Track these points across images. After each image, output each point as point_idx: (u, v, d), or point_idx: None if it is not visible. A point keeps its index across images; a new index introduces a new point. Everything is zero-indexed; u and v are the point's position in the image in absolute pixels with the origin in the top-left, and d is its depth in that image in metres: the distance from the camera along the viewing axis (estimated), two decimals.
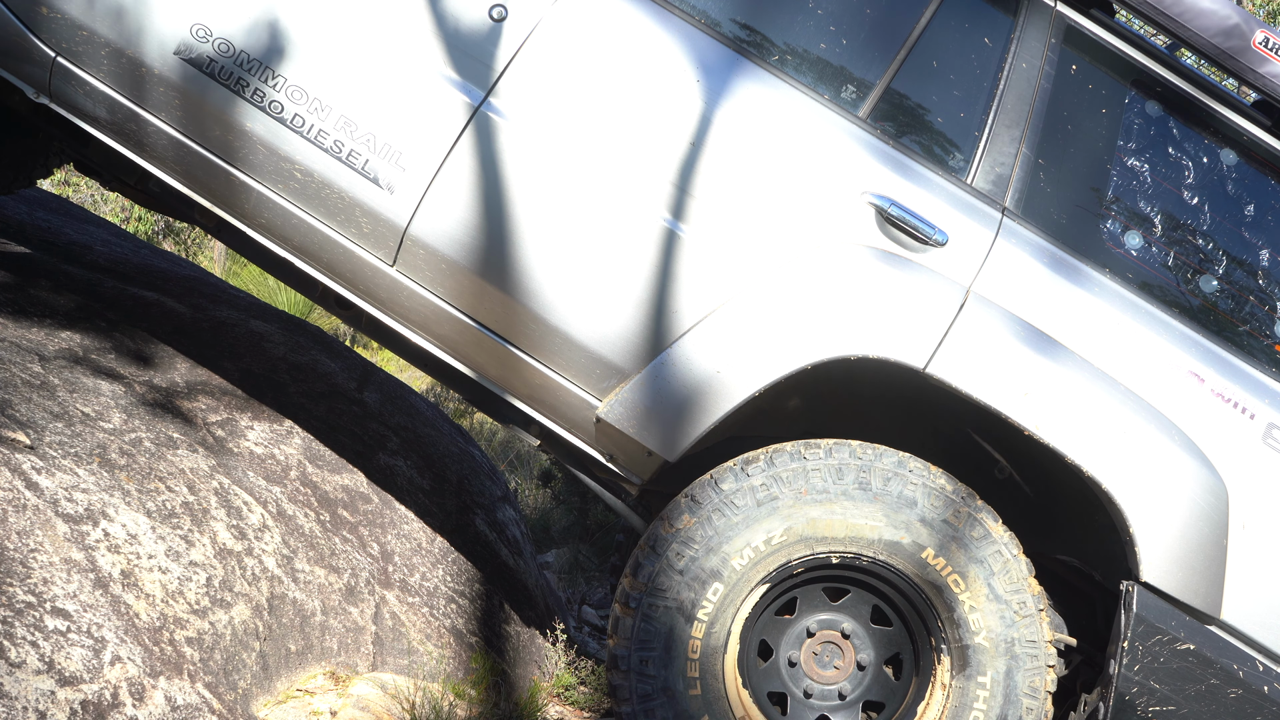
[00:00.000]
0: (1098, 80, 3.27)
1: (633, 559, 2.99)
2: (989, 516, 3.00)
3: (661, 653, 2.93)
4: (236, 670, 2.93)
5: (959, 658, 2.99)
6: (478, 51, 3.00)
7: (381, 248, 3.05)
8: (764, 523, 2.94)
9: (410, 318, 3.14)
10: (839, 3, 3.19)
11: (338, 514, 3.60)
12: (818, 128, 3.07)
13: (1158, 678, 2.98)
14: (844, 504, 2.95)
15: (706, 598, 2.93)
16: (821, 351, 2.95)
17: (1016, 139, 3.15)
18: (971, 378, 2.96)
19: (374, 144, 2.99)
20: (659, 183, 3.00)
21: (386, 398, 4.39)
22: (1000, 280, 3.04)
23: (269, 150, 3.01)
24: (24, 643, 2.40)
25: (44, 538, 2.65)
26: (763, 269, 2.98)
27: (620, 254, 2.98)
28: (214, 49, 2.99)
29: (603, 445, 3.14)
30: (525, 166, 2.99)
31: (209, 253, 11.83)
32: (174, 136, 3.06)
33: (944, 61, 3.19)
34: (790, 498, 2.95)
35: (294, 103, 2.99)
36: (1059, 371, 2.98)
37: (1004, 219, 3.10)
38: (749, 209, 3.00)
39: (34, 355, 3.28)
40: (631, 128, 3.01)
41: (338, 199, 3.02)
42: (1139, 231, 3.21)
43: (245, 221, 3.13)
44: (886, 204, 3.02)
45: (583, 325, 3.00)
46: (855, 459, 2.97)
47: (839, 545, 2.95)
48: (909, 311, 2.97)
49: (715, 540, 2.94)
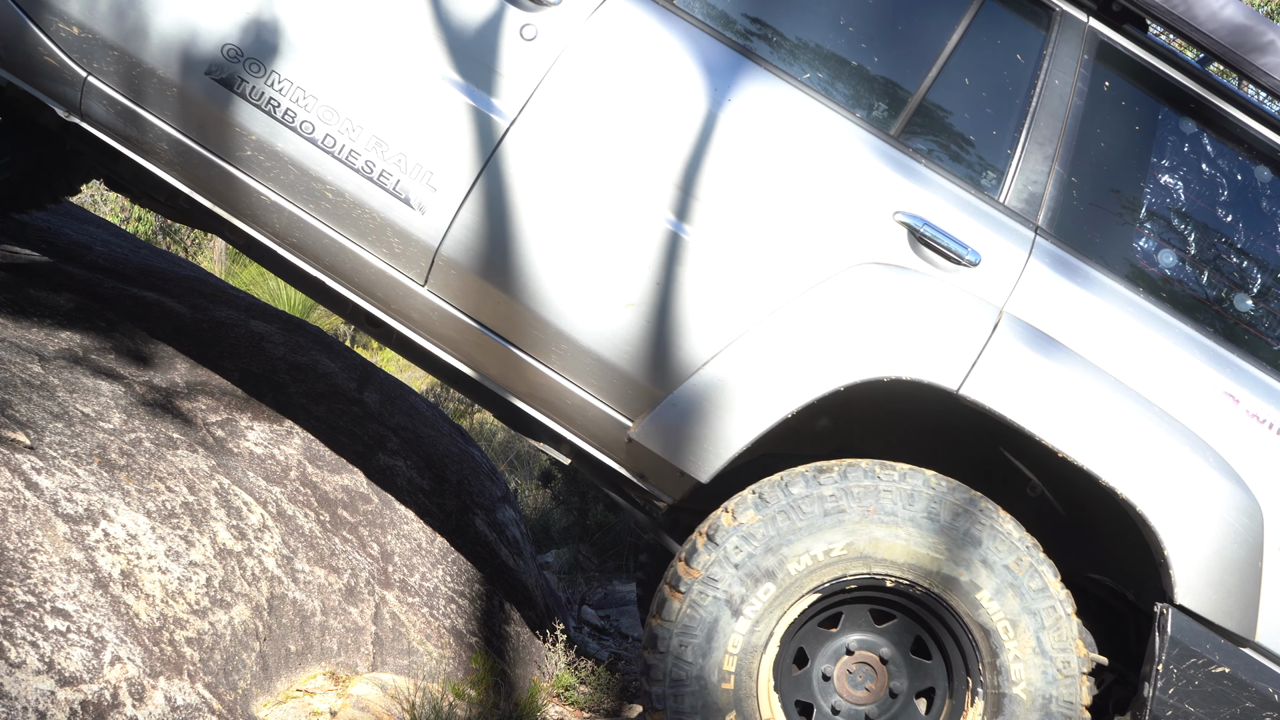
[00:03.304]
0: (1131, 96, 3.25)
1: (689, 544, 2.98)
2: (1050, 571, 2.98)
3: (702, 641, 2.92)
4: (236, 670, 2.93)
5: (993, 704, 2.98)
6: (509, 72, 2.99)
7: (413, 268, 3.04)
8: (827, 533, 2.93)
9: (441, 336, 3.13)
10: (870, 20, 3.17)
11: (338, 514, 3.60)
12: (850, 146, 3.05)
13: (1192, 701, 2.96)
14: (910, 530, 2.93)
15: (757, 596, 2.92)
16: (855, 374, 2.94)
17: (1049, 157, 3.13)
18: (1005, 400, 2.94)
19: (405, 164, 2.99)
20: (691, 203, 2.99)
21: (386, 398, 4.39)
22: (1034, 300, 3.03)
23: (300, 170, 3.01)
24: (24, 643, 2.40)
25: (44, 538, 2.65)
26: (796, 289, 2.97)
27: (653, 275, 2.97)
28: (245, 69, 2.99)
29: (634, 465, 3.14)
30: (554, 187, 2.98)
31: (209, 253, 11.83)
32: (204, 155, 3.06)
33: (976, 78, 3.17)
34: (858, 514, 2.94)
35: (325, 123, 2.99)
36: (1093, 394, 2.97)
37: (1037, 238, 3.08)
38: (781, 229, 2.99)
39: (34, 355, 3.28)
40: (661, 148, 2.99)
41: (369, 219, 3.02)
42: (1173, 250, 3.19)
43: (276, 240, 3.13)
44: (919, 223, 3.00)
45: (615, 346, 3.00)
46: (928, 488, 2.96)
47: (896, 570, 2.94)
48: (942, 333, 2.96)
49: (776, 541, 2.93)
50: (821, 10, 3.18)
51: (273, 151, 3.01)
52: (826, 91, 3.10)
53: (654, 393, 3.01)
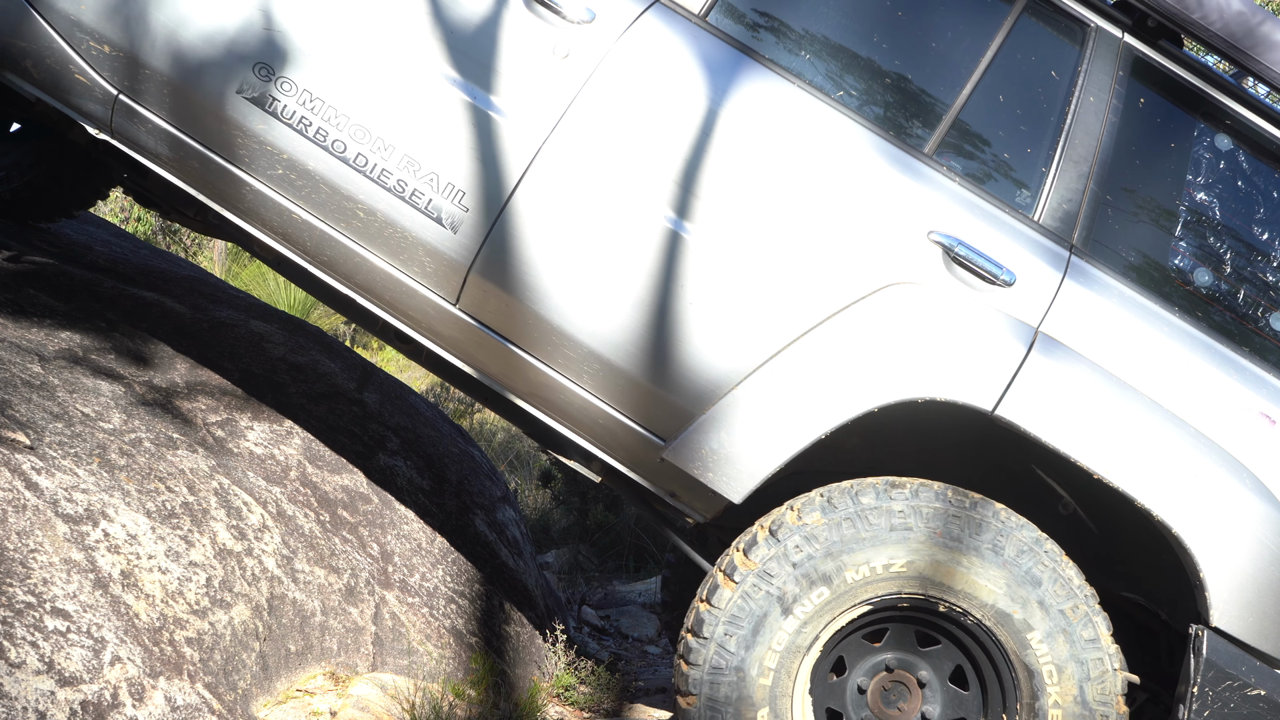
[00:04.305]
0: (1166, 113, 3.23)
1: (750, 536, 2.98)
2: (1104, 624, 2.97)
3: (748, 633, 2.92)
4: (236, 670, 2.93)
5: None
6: (541, 90, 2.98)
7: (445, 286, 3.04)
8: (890, 548, 2.93)
9: (472, 354, 3.13)
10: (905, 37, 3.16)
11: (337, 514, 3.60)
12: (884, 165, 3.03)
13: None
14: (972, 559, 2.93)
15: (810, 598, 2.92)
16: (890, 395, 2.93)
17: (1084, 175, 3.11)
18: (1040, 421, 2.93)
19: (437, 183, 2.98)
20: (725, 222, 2.97)
21: (386, 398, 4.39)
22: (1068, 320, 3.01)
23: (332, 189, 3.01)
24: (24, 643, 2.40)
25: (44, 538, 2.65)
26: (830, 309, 2.96)
27: (688, 294, 2.96)
28: (277, 88, 2.99)
29: (665, 483, 3.13)
30: (586, 207, 2.96)
31: (209, 253, 11.83)
32: (235, 174, 3.06)
33: (1010, 96, 3.15)
34: (923, 534, 2.93)
35: (357, 142, 2.98)
36: (1128, 415, 2.96)
37: (1072, 257, 3.06)
38: (817, 248, 2.97)
39: (34, 355, 3.28)
40: (692, 166, 2.98)
41: (400, 238, 3.01)
42: (1208, 268, 3.17)
43: (307, 258, 3.14)
44: (954, 243, 2.99)
45: (649, 367, 2.99)
46: (997, 521, 2.96)
47: (951, 596, 2.94)
48: (977, 354, 2.95)
49: (838, 547, 2.93)
50: (855, 27, 3.16)
51: (304, 170, 3.01)
52: (860, 109, 3.08)
53: (687, 412, 3.00)
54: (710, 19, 3.07)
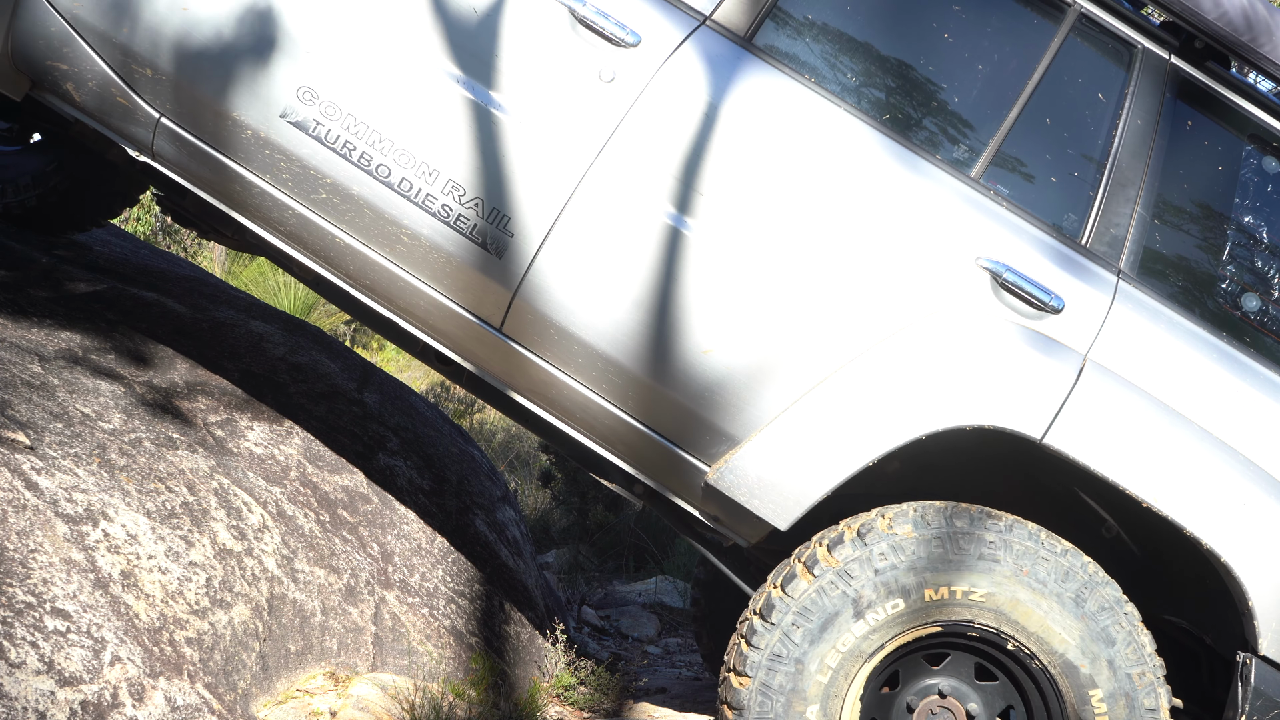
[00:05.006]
0: (1213, 135, 3.21)
1: (837, 534, 2.97)
2: (1166, 696, 2.96)
3: (816, 629, 2.91)
4: (236, 670, 2.93)
5: None
6: (586, 114, 2.95)
7: (489, 311, 3.03)
8: (973, 576, 2.92)
9: (514, 379, 3.12)
10: (951, 60, 3.14)
11: (337, 514, 3.61)
12: (930, 189, 3.01)
13: None
14: (1052, 604, 2.92)
15: (884, 607, 2.91)
16: (939, 422, 2.92)
17: (1131, 199, 3.08)
18: (1089, 449, 2.93)
19: (481, 208, 2.96)
20: (773, 248, 2.96)
21: (386, 398, 4.39)
22: (1117, 347, 2.99)
23: (376, 214, 2.99)
24: (24, 643, 2.40)
25: (44, 538, 2.65)
26: (879, 335, 2.94)
27: (735, 321, 2.95)
28: (320, 112, 2.97)
29: (709, 509, 3.11)
30: (632, 231, 2.95)
31: (209, 253, 11.83)
32: (277, 197, 3.05)
33: (1057, 119, 3.13)
34: (1009, 570, 2.92)
35: (401, 167, 2.97)
36: (1177, 442, 2.95)
37: (1120, 282, 3.04)
38: (865, 274, 2.96)
39: (34, 355, 3.28)
40: (737, 189, 2.96)
41: (444, 263, 3.00)
42: (1256, 293, 3.16)
43: (350, 282, 3.13)
44: (1002, 269, 2.97)
45: (695, 393, 2.98)
46: (1085, 573, 2.94)
47: (1022, 637, 2.93)
48: (1026, 381, 2.93)
49: (923, 564, 2.92)
50: (902, 50, 3.14)
51: (348, 195, 2.99)
52: (908, 133, 3.06)
53: (733, 438, 2.99)
54: (755, 41, 3.04)
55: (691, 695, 4.59)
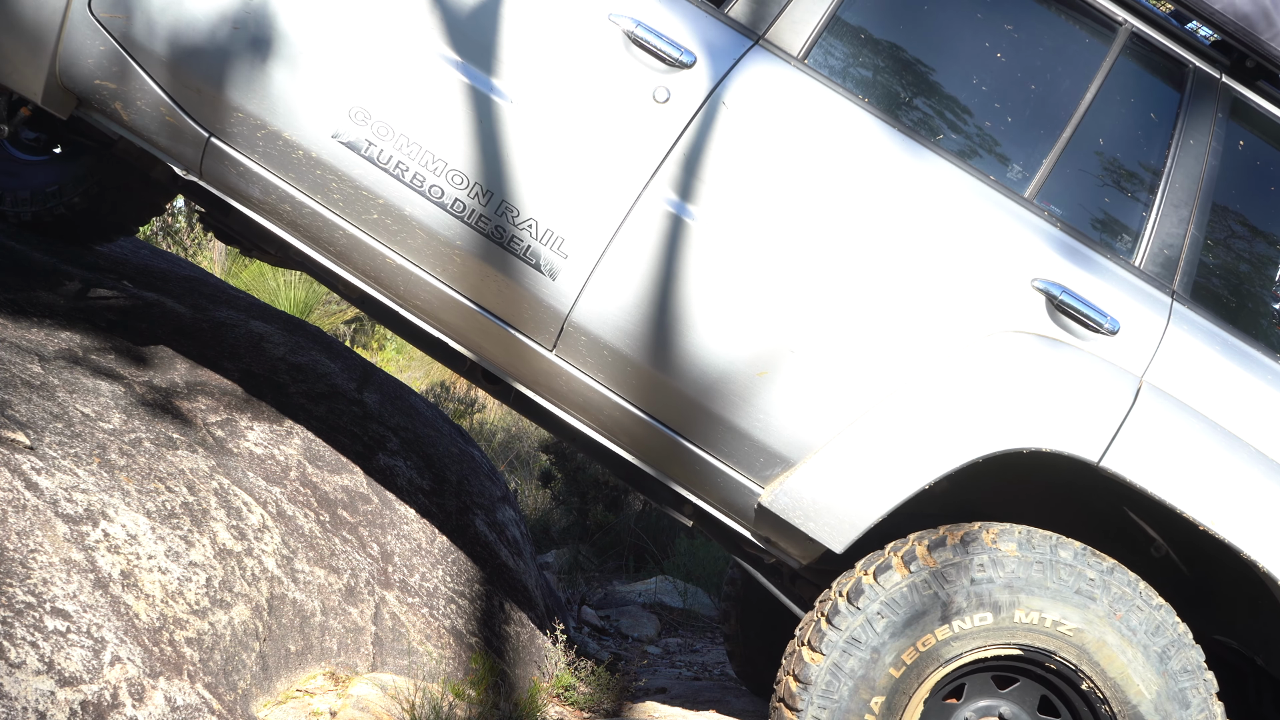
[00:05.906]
0: (1266, 155, 3.21)
1: (938, 536, 2.97)
2: None
3: (900, 622, 2.91)
4: (236, 671, 2.93)
5: None
6: (640, 135, 2.94)
7: (541, 333, 3.01)
8: (1065, 608, 2.92)
9: (568, 401, 3.10)
10: (1004, 81, 3.12)
11: (337, 514, 3.61)
12: (985, 210, 3.00)
13: None
14: (1137, 654, 2.92)
15: (971, 618, 2.91)
16: (995, 445, 2.91)
17: (1185, 219, 3.08)
18: (1146, 473, 2.92)
19: (535, 230, 2.94)
20: (829, 271, 2.94)
21: (386, 398, 4.39)
22: (1172, 369, 2.99)
23: (428, 235, 2.97)
24: (24, 643, 2.40)
25: (44, 538, 2.65)
26: (935, 357, 2.94)
27: (791, 343, 2.93)
28: (372, 131, 2.95)
29: (761, 530, 3.10)
30: (691, 253, 2.93)
31: (209, 253, 11.83)
32: (328, 218, 3.03)
33: (1110, 139, 3.12)
34: (1104, 610, 2.92)
35: (455, 188, 2.94)
36: (1234, 466, 2.95)
37: (1174, 304, 3.04)
38: (921, 296, 2.95)
39: (34, 355, 3.28)
40: (796, 212, 2.95)
41: (497, 284, 2.99)
42: None
43: (400, 302, 3.11)
44: (1057, 290, 2.96)
45: (750, 415, 2.97)
46: (1174, 631, 2.94)
47: (1100, 680, 2.93)
48: (1083, 404, 2.93)
49: (1020, 584, 2.91)
50: (955, 71, 3.13)
51: (400, 216, 2.97)
52: (962, 154, 3.05)
53: (787, 460, 2.98)
54: (809, 61, 3.02)
55: (692, 695, 4.59)
